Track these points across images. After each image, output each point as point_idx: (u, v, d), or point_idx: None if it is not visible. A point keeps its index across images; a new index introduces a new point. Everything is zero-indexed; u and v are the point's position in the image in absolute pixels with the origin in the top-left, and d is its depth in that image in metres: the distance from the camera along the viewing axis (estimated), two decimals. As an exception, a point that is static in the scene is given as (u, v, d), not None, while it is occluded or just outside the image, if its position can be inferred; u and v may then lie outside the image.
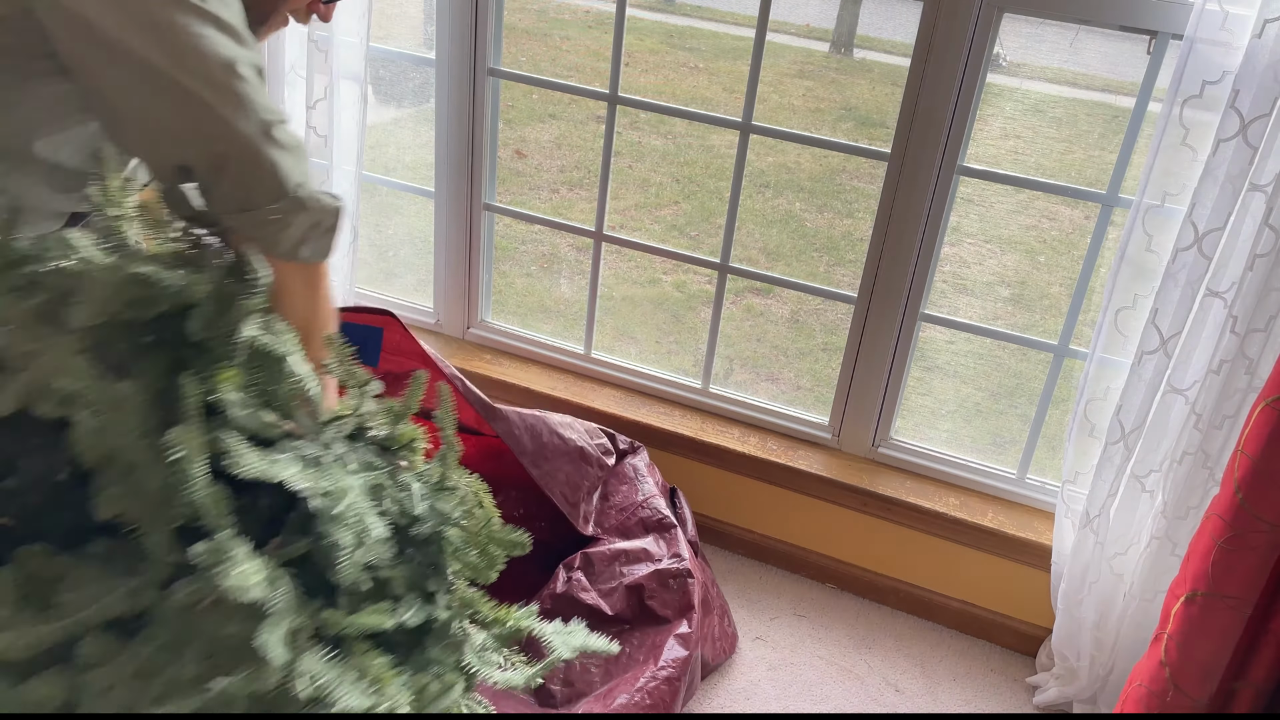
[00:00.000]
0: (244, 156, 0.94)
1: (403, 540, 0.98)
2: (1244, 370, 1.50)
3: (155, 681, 0.77)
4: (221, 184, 0.94)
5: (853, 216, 4.55)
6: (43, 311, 0.83)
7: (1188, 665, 1.41)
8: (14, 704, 0.75)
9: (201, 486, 0.78)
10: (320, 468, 0.90)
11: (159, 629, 0.78)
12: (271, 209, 0.96)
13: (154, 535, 0.79)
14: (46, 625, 0.76)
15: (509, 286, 3.76)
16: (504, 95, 2.99)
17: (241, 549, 0.78)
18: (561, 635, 1.12)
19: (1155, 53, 1.62)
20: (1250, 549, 1.32)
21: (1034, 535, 1.87)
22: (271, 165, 0.95)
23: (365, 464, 0.97)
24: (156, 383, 0.83)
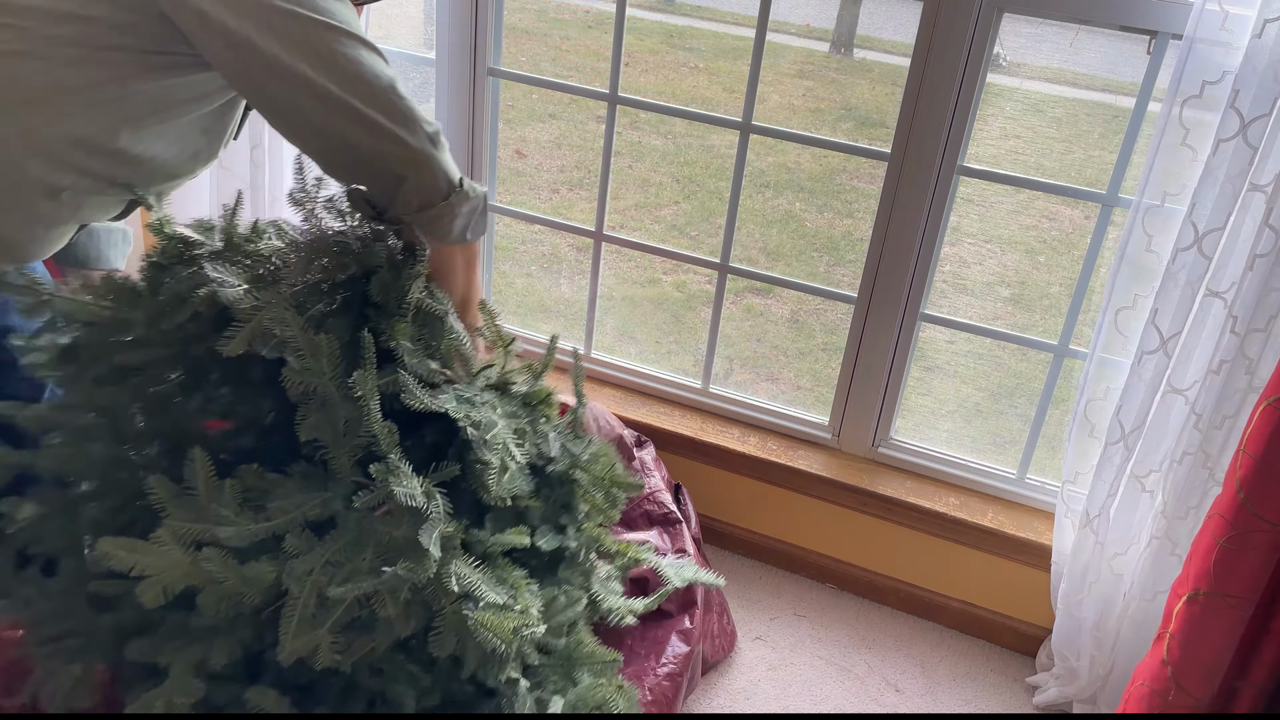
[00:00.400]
0: (421, 167, 1.06)
1: (540, 479, 1.20)
2: (1244, 370, 1.50)
3: (342, 569, 0.99)
4: (403, 191, 1.07)
5: (853, 216, 4.55)
6: (262, 276, 1.11)
7: (1190, 664, 1.41)
8: (239, 580, 0.97)
9: (376, 420, 1.01)
10: (473, 405, 1.10)
11: (344, 530, 1.01)
12: (443, 205, 1.09)
13: (340, 457, 1.03)
14: (260, 524, 0.99)
15: (509, 286, 3.76)
16: (504, 95, 2.99)
17: (407, 469, 1.00)
18: (674, 568, 1.38)
19: (1155, 53, 1.62)
20: (1252, 548, 1.32)
21: (1034, 535, 1.87)
22: (441, 169, 1.08)
23: (509, 413, 1.19)
24: (344, 335, 1.05)
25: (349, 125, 1.01)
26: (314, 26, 0.98)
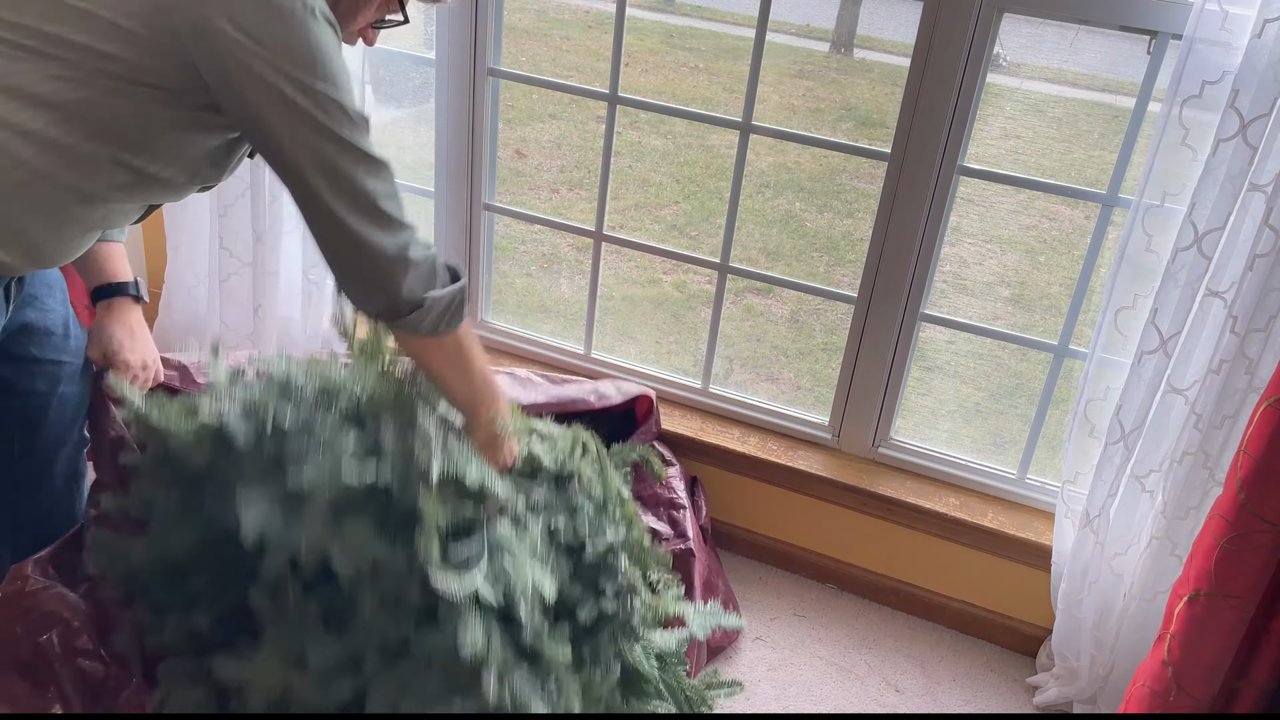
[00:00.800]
0: (384, 270, 1.12)
1: (576, 561, 1.33)
2: (1244, 370, 1.50)
3: (410, 694, 1.12)
4: (370, 296, 1.15)
5: (853, 216, 4.55)
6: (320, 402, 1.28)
7: (1191, 665, 1.41)
8: (321, 697, 1.12)
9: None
10: (503, 553, 1.21)
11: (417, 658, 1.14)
12: (408, 320, 1.16)
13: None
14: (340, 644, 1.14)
15: (509, 286, 3.76)
16: (504, 95, 2.99)
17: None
18: (700, 616, 1.48)
19: (1155, 53, 1.62)
20: (1253, 549, 1.32)
21: (1034, 535, 1.87)
22: (406, 284, 1.13)
23: (542, 505, 1.32)
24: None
25: (322, 218, 1.10)
26: (339, 150, 1.07)
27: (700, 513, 1.93)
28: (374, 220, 1.10)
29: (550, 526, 1.31)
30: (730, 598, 1.91)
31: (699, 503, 1.95)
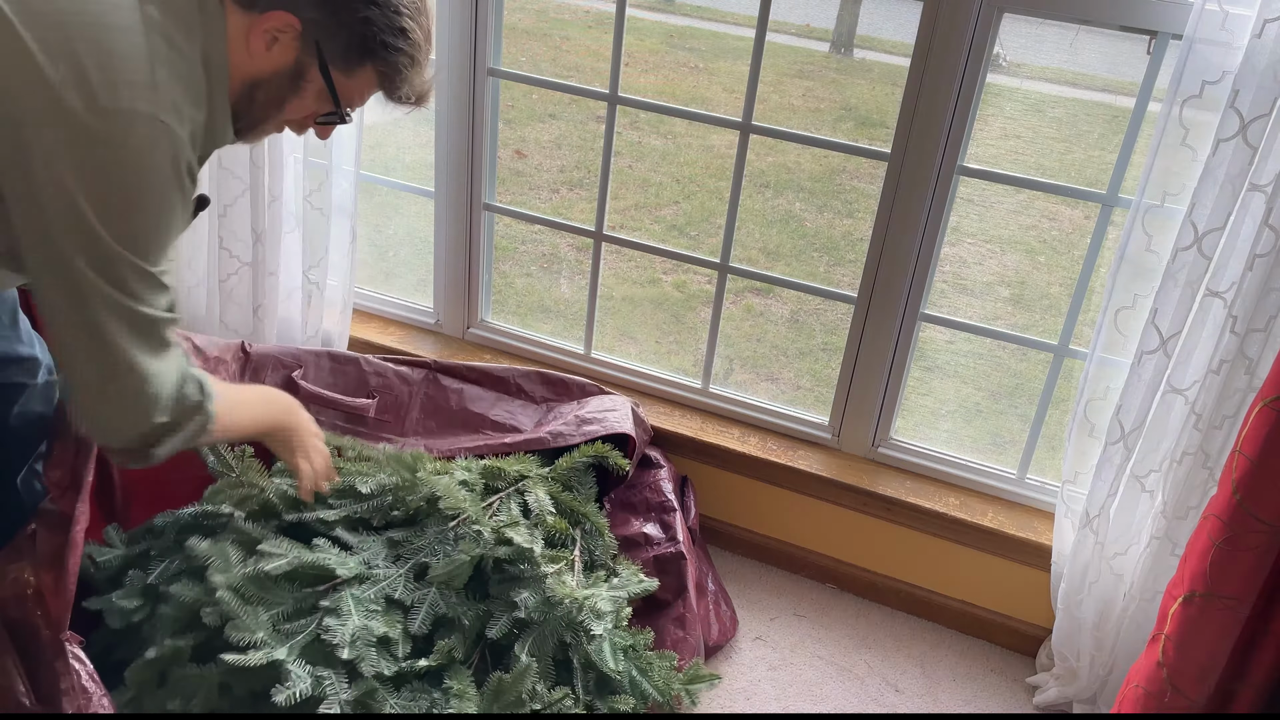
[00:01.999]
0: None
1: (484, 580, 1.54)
2: (1244, 370, 1.50)
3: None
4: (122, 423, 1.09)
5: (853, 216, 4.55)
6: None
7: (1185, 666, 1.41)
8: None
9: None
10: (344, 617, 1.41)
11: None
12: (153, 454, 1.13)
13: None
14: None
15: (509, 286, 3.76)
16: (504, 95, 2.99)
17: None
18: (622, 584, 1.61)
19: (1155, 53, 1.62)
20: (1248, 549, 1.31)
21: (1034, 535, 1.87)
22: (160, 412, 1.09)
23: (410, 546, 1.54)
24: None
25: (68, 338, 1.04)
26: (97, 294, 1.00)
27: (689, 513, 1.93)
28: (145, 339, 1.04)
29: (416, 565, 1.48)
30: (722, 597, 1.91)
31: (688, 503, 1.95)
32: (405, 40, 1.09)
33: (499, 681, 1.39)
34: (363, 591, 1.41)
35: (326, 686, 1.31)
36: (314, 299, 2.11)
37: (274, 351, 1.84)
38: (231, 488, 1.56)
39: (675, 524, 1.81)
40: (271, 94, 1.10)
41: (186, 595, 1.39)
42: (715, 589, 1.92)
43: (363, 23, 1.06)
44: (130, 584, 1.44)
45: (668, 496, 1.85)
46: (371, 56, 1.09)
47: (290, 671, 1.30)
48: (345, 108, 1.14)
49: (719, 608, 1.88)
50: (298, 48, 1.07)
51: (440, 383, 1.91)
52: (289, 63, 1.08)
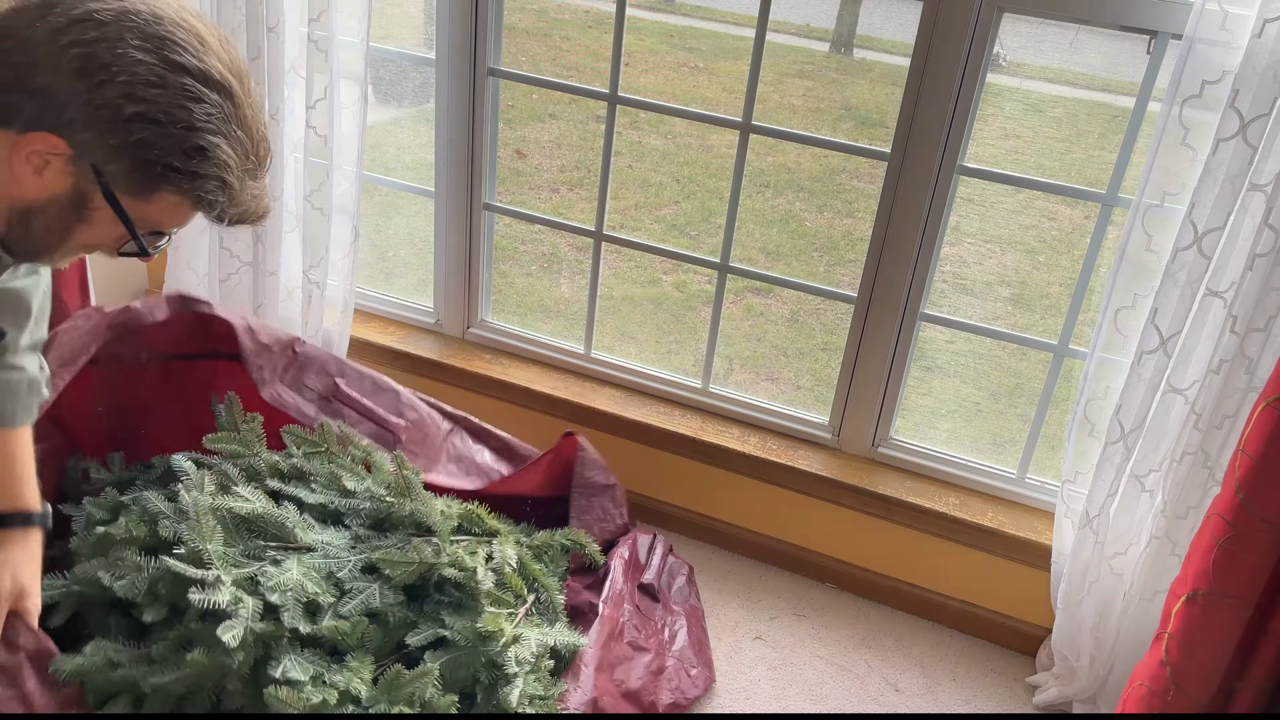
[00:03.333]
0: None
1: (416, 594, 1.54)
2: (1244, 370, 1.50)
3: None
4: None
5: (853, 216, 4.55)
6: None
7: (1189, 665, 1.41)
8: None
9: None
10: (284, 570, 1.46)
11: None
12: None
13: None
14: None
15: (509, 286, 3.76)
16: (504, 95, 2.99)
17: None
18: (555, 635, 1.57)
19: (1155, 53, 1.62)
20: (1251, 548, 1.32)
21: (1034, 535, 1.87)
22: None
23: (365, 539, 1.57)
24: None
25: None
26: None
27: (647, 569, 1.86)
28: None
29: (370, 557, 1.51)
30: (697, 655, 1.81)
31: (650, 560, 1.88)
32: (205, 161, 0.91)
33: (396, 675, 1.39)
34: (309, 559, 1.45)
35: (239, 608, 1.33)
36: (314, 299, 2.11)
37: (321, 357, 1.83)
38: (228, 442, 1.62)
39: (602, 595, 1.71)
40: (51, 222, 0.94)
41: (152, 504, 1.46)
42: (689, 645, 1.81)
43: (141, 146, 0.88)
44: (106, 496, 1.53)
45: (609, 566, 1.77)
46: (164, 182, 0.91)
47: (218, 581, 1.34)
48: (149, 234, 0.98)
49: (685, 670, 1.77)
50: (73, 172, 0.90)
51: (466, 440, 1.89)
52: (66, 189, 0.92)
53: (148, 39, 0.88)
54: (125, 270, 2.39)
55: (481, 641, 1.46)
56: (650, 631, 1.76)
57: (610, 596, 1.68)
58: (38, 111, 0.87)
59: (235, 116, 0.93)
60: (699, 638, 1.85)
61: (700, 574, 2.06)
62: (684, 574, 1.96)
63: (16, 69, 0.87)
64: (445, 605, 1.51)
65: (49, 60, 0.86)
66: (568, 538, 1.74)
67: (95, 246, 0.99)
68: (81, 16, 0.87)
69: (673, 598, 1.89)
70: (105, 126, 0.88)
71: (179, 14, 0.91)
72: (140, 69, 0.87)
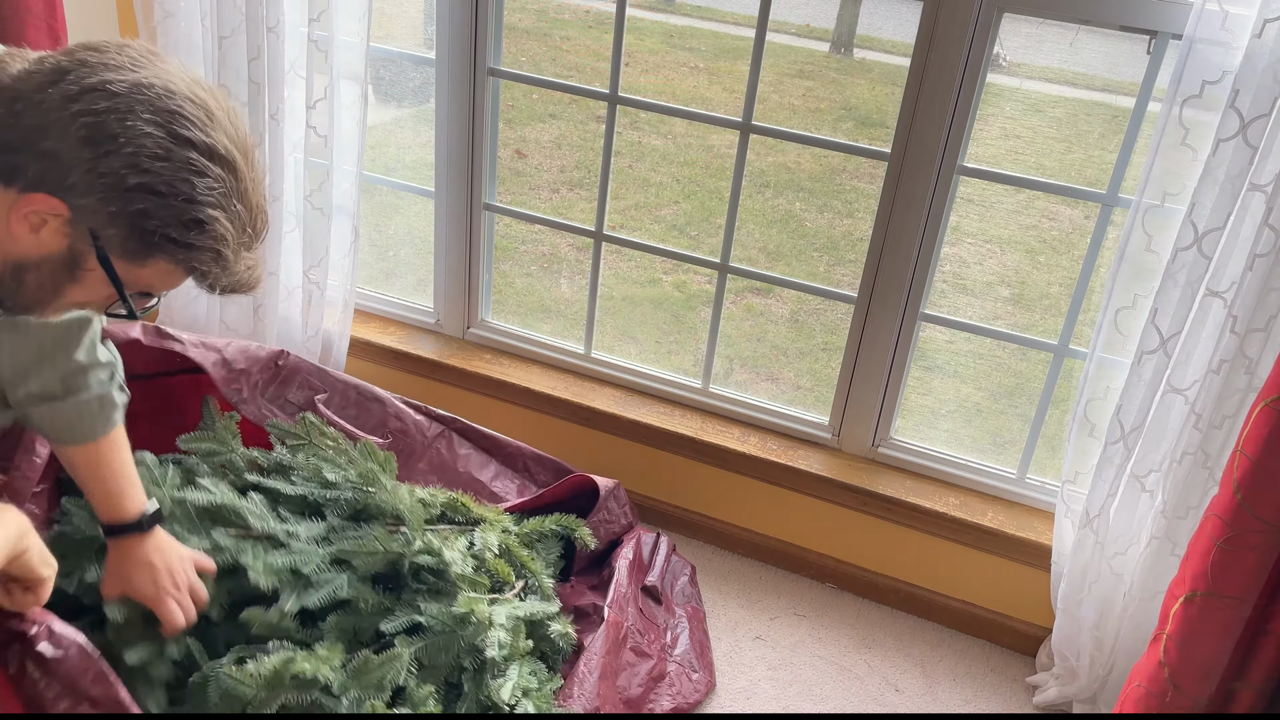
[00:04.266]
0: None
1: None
2: (1244, 370, 1.50)
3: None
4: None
5: (853, 216, 4.55)
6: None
7: (1187, 665, 1.41)
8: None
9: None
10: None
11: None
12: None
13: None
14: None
15: (509, 286, 3.76)
16: (504, 95, 2.99)
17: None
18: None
19: (1155, 53, 1.62)
20: (1249, 549, 1.32)
21: (1034, 535, 1.87)
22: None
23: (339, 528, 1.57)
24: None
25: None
26: None
27: (651, 570, 1.86)
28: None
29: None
30: (699, 659, 1.80)
31: (654, 560, 1.88)
32: (202, 234, 0.93)
33: (365, 660, 1.38)
34: (278, 555, 1.46)
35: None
36: (314, 299, 2.11)
37: (305, 368, 1.85)
38: (202, 440, 1.63)
39: (607, 596, 1.71)
40: (44, 279, 0.96)
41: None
42: (691, 649, 1.81)
43: (141, 215, 0.90)
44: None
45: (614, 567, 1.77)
46: (159, 251, 0.93)
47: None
48: (138, 295, 0.99)
49: (686, 675, 1.76)
50: (70, 234, 0.92)
51: (452, 442, 1.90)
52: (61, 249, 0.93)
53: (158, 113, 0.90)
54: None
55: (459, 625, 1.45)
56: (653, 635, 1.76)
57: (615, 600, 1.68)
58: (41, 173, 0.89)
59: (236, 190, 0.95)
60: (700, 640, 1.85)
61: (701, 574, 2.06)
62: (686, 574, 1.96)
63: (24, 131, 0.89)
64: (422, 593, 1.51)
65: (57, 126, 0.88)
66: (558, 523, 1.74)
67: (85, 304, 1.00)
68: (94, 86, 0.88)
69: (675, 599, 1.90)
70: (107, 194, 0.89)
71: (191, 88, 0.93)
72: (148, 141, 0.89)
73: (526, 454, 1.93)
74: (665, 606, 1.84)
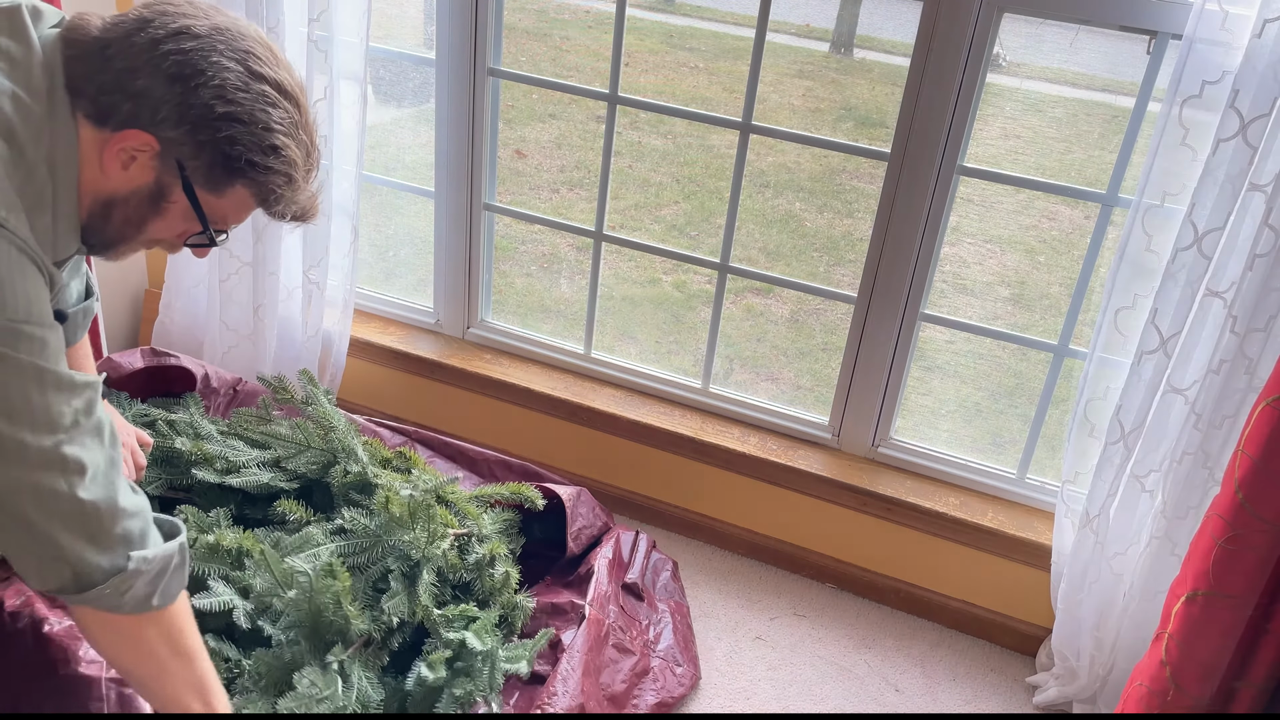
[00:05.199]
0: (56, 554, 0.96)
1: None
2: (1244, 370, 1.50)
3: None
4: (50, 562, 0.97)
5: (853, 216, 4.55)
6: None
7: (1188, 664, 1.41)
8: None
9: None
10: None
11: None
12: (100, 593, 0.99)
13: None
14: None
15: (509, 286, 3.76)
16: (504, 95, 2.99)
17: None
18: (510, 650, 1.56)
19: (1155, 53, 1.62)
20: (1251, 548, 1.32)
21: (1034, 535, 1.87)
22: (88, 555, 0.97)
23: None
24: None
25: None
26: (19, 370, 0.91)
27: (631, 568, 1.84)
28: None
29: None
30: (683, 654, 1.80)
31: (634, 558, 1.86)
32: (278, 159, 1.01)
33: (278, 539, 1.47)
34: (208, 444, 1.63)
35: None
36: (314, 299, 2.11)
37: (261, 392, 1.93)
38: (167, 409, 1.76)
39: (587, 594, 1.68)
40: (130, 214, 1.02)
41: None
42: (675, 644, 1.79)
43: (227, 142, 0.98)
44: None
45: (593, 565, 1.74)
46: (241, 176, 1.00)
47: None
48: (217, 227, 1.06)
49: (670, 669, 1.75)
50: (157, 167, 0.99)
51: (415, 450, 1.89)
52: (148, 182, 1.00)
53: (235, 51, 0.98)
54: (126, 269, 2.39)
55: (371, 520, 1.53)
56: (636, 632, 1.75)
57: (596, 598, 1.66)
58: (133, 111, 0.96)
59: (301, 123, 1.04)
60: (685, 634, 1.85)
61: (700, 574, 2.06)
62: (668, 569, 1.95)
63: (117, 74, 0.96)
64: (350, 504, 1.59)
65: (148, 66, 0.96)
66: (511, 490, 1.75)
67: (161, 240, 1.07)
68: (180, 30, 0.97)
69: (657, 594, 1.89)
70: (196, 124, 0.97)
71: (258, 33, 1.03)
72: (230, 75, 0.97)
73: (492, 459, 1.93)
74: (648, 602, 1.84)
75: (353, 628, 1.40)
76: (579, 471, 2.21)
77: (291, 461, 1.65)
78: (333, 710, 1.32)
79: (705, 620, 1.95)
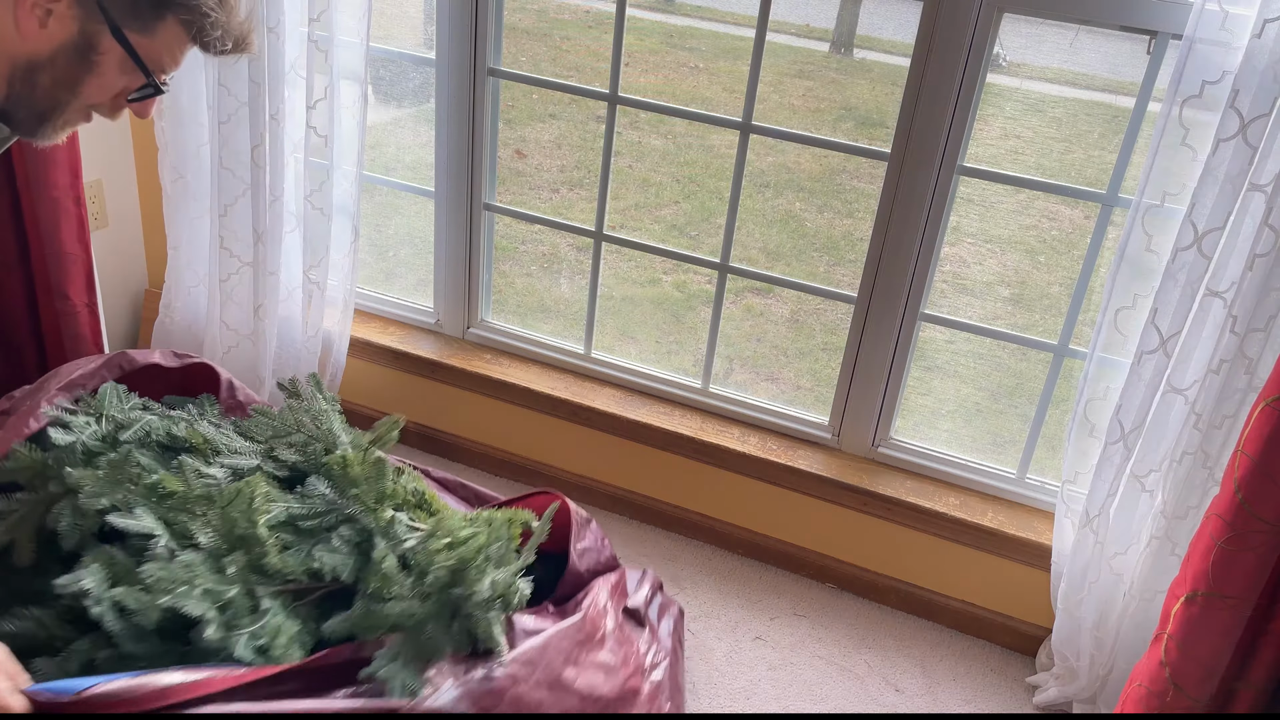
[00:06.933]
0: None
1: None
2: (1244, 370, 1.50)
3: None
4: None
5: (853, 216, 4.55)
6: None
7: (1188, 665, 1.41)
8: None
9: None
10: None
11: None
12: None
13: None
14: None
15: (509, 286, 3.76)
16: (504, 95, 2.99)
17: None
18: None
19: (1155, 53, 1.62)
20: (1250, 549, 1.32)
21: (1034, 535, 1.87)
22: None
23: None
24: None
25: None
26: None
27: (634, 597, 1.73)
28: None
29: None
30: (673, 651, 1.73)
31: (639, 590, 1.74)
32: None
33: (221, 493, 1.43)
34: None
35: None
36: (314, 299, 2.11)
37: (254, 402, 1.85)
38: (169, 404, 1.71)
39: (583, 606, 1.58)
40: (59, 75, 0.95)
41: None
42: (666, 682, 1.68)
43: None
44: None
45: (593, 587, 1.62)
46: (168, 6, 0.94)
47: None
48: (157, 74, 0.99)
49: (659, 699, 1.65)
50: (79, 16, 0.92)
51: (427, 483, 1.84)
52: (72, 35, 0.93)
53: None
54: (127, 271, 2.39)
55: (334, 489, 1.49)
56: (629, 652, 1.61)
57: (592, 610, 1.54)
58: None
59: None
60: (676, 681, 1.71)
61: (700, 574, 2.06)
62: (673, 615, 1.81)
63: None
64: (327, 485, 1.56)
65: None
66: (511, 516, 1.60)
67: (101, 104, 0.99)
68: None
69: (660, 631, 1.74)
70: None
71: None
72: None
73: (470, 490, 1.84)
74: (650, 633, 1.70)
75: (270, 554, 1.36)
76: (579, 471, 2.21)
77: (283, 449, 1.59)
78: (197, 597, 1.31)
79: (705, 620, 1.95)
